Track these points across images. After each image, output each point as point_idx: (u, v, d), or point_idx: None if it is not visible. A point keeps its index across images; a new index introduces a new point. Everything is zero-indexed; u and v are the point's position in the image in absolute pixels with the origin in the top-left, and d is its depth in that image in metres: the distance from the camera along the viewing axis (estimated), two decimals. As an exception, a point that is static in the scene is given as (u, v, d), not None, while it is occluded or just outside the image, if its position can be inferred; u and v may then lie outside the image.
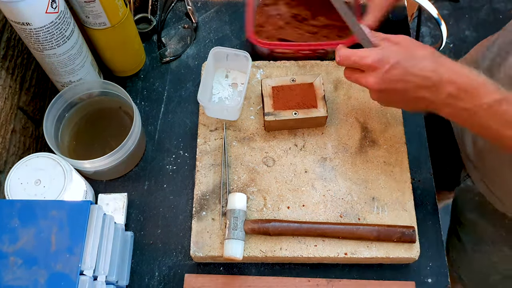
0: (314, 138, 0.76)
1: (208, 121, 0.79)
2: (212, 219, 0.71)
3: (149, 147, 0.80)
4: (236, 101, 0.79)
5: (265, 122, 0.74)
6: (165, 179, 0.78)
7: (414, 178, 0.76)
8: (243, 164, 0.75)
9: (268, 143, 0.77)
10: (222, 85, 0.81)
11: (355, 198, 0.72)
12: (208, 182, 0.74)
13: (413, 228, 0.68)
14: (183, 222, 0.74)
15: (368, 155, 0.75)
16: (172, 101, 0.84)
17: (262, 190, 0.73)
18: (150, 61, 0.88)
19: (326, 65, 0.82)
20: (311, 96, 0.74)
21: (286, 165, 0.75)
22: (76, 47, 0.71)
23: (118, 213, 0.73)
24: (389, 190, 0.73)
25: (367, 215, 0.71)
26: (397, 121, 0.78)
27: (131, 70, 0.86)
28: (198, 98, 0.73)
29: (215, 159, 0.76)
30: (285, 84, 0.75)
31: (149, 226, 0.74)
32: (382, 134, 0.77)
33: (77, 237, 0.56)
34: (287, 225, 0.68)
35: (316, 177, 0.74)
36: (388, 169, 0.74)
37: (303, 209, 0.72)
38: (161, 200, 0.76)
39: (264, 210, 0.72)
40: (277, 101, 0.74)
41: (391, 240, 0.68)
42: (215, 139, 0.77)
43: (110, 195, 0.75)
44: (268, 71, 0.82)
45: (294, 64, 0.83)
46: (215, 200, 0.73)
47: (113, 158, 0.71)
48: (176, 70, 0.87)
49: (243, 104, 0.77)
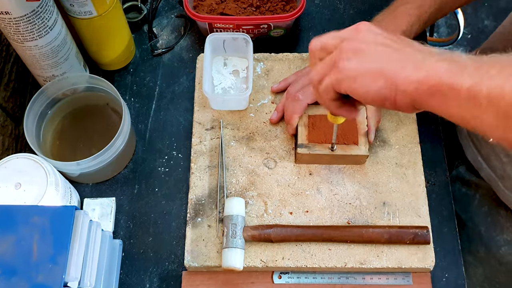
0: (320, 138, 0.76)
1: (204, 119, 0.79)
2: (208, 226, 0.71)
3: (139, 148, 0.80)
4: (241, 89, 0.80)
5: (297, 155, 0.73)
6: (157, 182, 0.78)
7: (428, 181, 0.76)
8: (241, 166, 0.75)
9: (269, 143, 0.77)
10: (223, 74, 0.81)
11: (364, 203, 0.72)
12: (204, 185, 0.74)
13: (427, 229, 0.69)
14: (176, 229, 0.74)
15: (379, 156, 0.76)
16: (165, 97, 0.84)
17: (262, 194, 0.73)
18: (141, 54, 0.88)
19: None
20: (351, 131, 0.72)
21: (289, 167, 0.75)
22: (59, 38, 0.71)
23: (105, 220, 0.73)
24: (401, 194, 0.73)
25: (377, 222, 0.71)
26: (410, 119, 0.78)
27: (119, 63, 0.86)
28: (204, 90, 0.74)
29: (211, 160, 0.76)
30: (323, 113, 0.73)
31: (139, 233, 0.74)
32: (393, 133, 0.77)
33: (61, 246, 0.56)
34: (290, 231, 0.68)
35: (321, 180, 0.74)
36: (400, 171, 0.74)
37: (307, 215, 0.72)
38: (153, 205, 0.76)
39: (265, 216, 0.72)
40: (313, 132, 0.72)
41: (404, 242, 0.68)
42: (211, 138, 0.77)
43: (96, 199, 0.75)
44: (269, 64, 0.82)
45: (298, 57, 0.83)
46: (211, 205, 0.73)
47: (100, 160, 0.71)
48: (169, 63, 0.87)
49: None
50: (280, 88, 0.79)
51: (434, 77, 0.44)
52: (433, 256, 0.69)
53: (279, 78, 0.81)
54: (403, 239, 0.68)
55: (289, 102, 0.73)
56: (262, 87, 0.81)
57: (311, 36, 0.88)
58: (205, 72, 0.76)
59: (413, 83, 0.45)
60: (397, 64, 0.47)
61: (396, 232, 0.68)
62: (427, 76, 0.44)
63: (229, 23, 0.81)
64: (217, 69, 0.81)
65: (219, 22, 0.81)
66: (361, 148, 0.72)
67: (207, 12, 0.84)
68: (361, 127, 0.73)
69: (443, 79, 0.44)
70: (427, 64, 0.45)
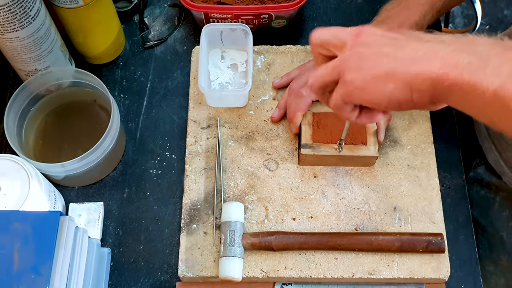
0: (325, 137, 0.76)
1: (200, 117, 0.79)
2: (204, 233, 0.71)
3: (130, 148, 0.80)
4: (240, 84, 0.79)
5: (301, 156, 0.72)
6: (149, 185, 0.77)
7: (443, 184, 0.76)
8: (240, 168, 0.75)
9: (270, 143, 0.76)
10: (220, 69, 0.81)
11: (373, 208, 0.72)
12: (200, 189, 0.74)
13: (442, 236, 0.69)
14: (169, 237, 0.74)
15: (389, 157, 0.75)
16: (157, 93, 0.84)
17: (263, 198, 0.73)
18: (131, 46, 0.88)
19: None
20: (360, 130, 0.72)
21: (292, 169, 0.75)
22: (42, 29, 0.71)
23: (92, 226, 0.73)
24: (413, 199, 0.73)
25: (388, 228, 0.71)
26: (423, 116, 0.78)
27: (108, 56, 0.85)
28: (199, 85, 0.73)
29: (207, 161, 0.76)
30: (329, 111, 0.73)
31: (129, 241, 0.74)
32: (405, 132, 0.77)
33: (44, 255, 0.56)
34: (293, 238, 0.68)
35: (327, 183, 0.74)
36: (412, 173, 0.74)
37: (312, 221, 0.71)
38: (144, 210, 0.76)
39: (266, 222, 0.71)
40: (318, 131, 0.72)
41: (416, 250, 0.68)
42: (207, 138, 0.77)
43: (83, 204, 0.75)
44: (270, 57, 0.82)
45: (301, 49, 0.83)
46: (208, 210, 0.73)
47: (87, 161, 0.71)
48: (161, 56, 0.87)
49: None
50: (282, 83, 0.79)
51: (453, 73, 0.42)
52: (448, 266, 0.69)
53: (281, 73, 0.81)
54: (416, 247, 0.68)
55: (292, 99, 0.73)
56: (262, 82, 0.81)
57: (316, 27, 0.87)
58: (201, 66, 0.76)
59: (427, 80, 0.44)
60: (405, 62, 0.45)
61: (408, 240, 0.68)
62: (444, 70, 0.42)
63: (227, 13, 0.81)
64: (214, 62, 0.81)
65: (216, 12, 0.81)
66: (370, 149, 0.71)
67: (203, 1, 0.84)
68: (370, 126, 0.72)
69: (464, 76, 0.41)
70: (440, 55, 0.44)
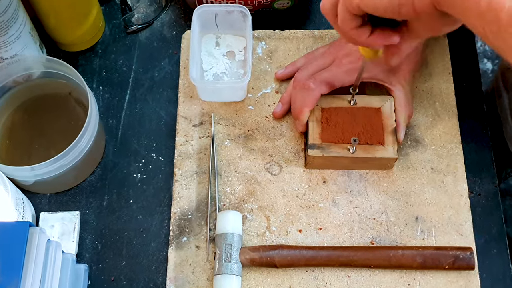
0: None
1: (191, 113, 0.79)
2: (196, 246, 0.71)
3: (110, 149, 0.80)
4: (238, 75, 0.79)
5: (308, 157, 0.72)
6: (132, 192, 0.77)
7: (473, 190, 0.76)
8: (238, 172, 0.75)
9: (273, 143, 0.76)
10: (215, 57, 0.81)
11: (391, 219, 0.72)
12: (191, 196, 0.74)
13: (471, 250, 0.69)
14: (156, 251, 0.74)
15: (410, 159, 0.75)
16: (142, 85, 0.84)
17: (264, 207, 0.73)
18: (111, 31, 0.88)
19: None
20: (376, 127, 0.72)
21: (297, 173, 0.75)
22: (9, 12, 0.71)
23: (67, 239, 0.73)
24: (438, 208, 0.73)
25: (408, 242, 0.71)
26: (449, 112, 0.78)
27: (84, 42, 0.85)
28: (190, 76, 0.73)
29: (200, 164, 0.76)
30: (340, 106, 0.73)
31: (109, 256, 0.74)
32: (428, 131, 0.77)
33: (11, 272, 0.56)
34: (299, 253, 0.68)
35: (338, 189, 0.74)
36: (437, 178, 0.74)
37: (321, 234, 0.71)
38: (127, 220, 0.76)
39: (267, 234, 0.72)
40: (328, 129, 0.72)
41: (442, 267, 0.68)
42: (200, 137, 0.77)
43: (56, 214, 0.74)
44: (273, 44, 0.82)
45: (308, 34, 0.83)
46: (200, 220, 0.73)
47: (61, 164, 0.70)
48: (147, 42, 0.87)
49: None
50: (286, 74, 0.79)
51: None
52: (478, 285, 0.69)
53: (285, 62, 0.81)
54: (441, 264, 0.68)
55: (298, 92, 0.73)
56: (263, 73, 0.81)
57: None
58: (192, 54, 0.76)
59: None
60: None
61: (432, 255, 0.68)
62: None
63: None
64: (208, 50, 0.81)
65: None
66: (388, 149, 0.71)
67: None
68: (388, 123, 0.72)
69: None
70: None
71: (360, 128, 0.72)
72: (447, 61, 0.81)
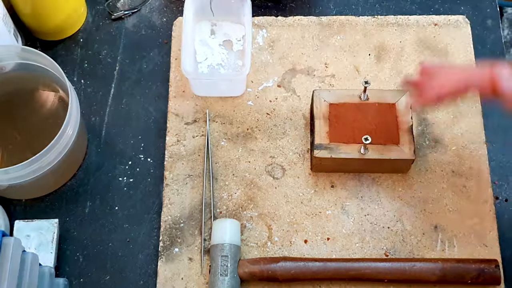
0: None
1: (183, 109, 0.79)
2: (188, 259, 0.72)
3: (93, 149, 0.80)
4: (236, 67, 0.79)
5: (314, 159, 0.72)
6: (117, 197, 0.78)
7: (498, 196, 0.76)
8: (236, 175, 0.75)
9: (275, 143, 0.77)
10: (210, 46, 0.81)
11: (407, 227, 0.72)
12: (183, 202, 0.74)
13: (496, 263, 0.69)
14: (144, 264, 0.74)
15: (428, 160, 0.76)
16: (128, 79, 0.84)
17: (265, 214, 0.73)
18: (94, 17, 0.88)
19: (364, 22, 0.82)
20: (390, 125, 0.72)
21: (303, 176, 0.75)
22: (-20, -4, 0.71)
23: (45, 250, 0.73)
24: (460, 215, 0.73)
25: (427, 253, 0.71)
26: (472, 109, 0.78)
27: (64, 30, 0.85)
28: (183, 69, 0.74)
29: (193, 167, 0.76)
30: (350, 101, 0.73)
31: (92, 269, 0.74)
32: (449, 129, 0.77)
33: (-17, 287, 0.56)
34: (304, 266, 0.68)
35: (347, 194, 0.74)
36: (458, 182, 0.74)
37: (329, 244, 0.72)
38: (111, 230, 0.76)
39: (269, 245, 0.72)
40: (336, 127, 0.72)
41: (464, 281, 0.68)
42: (193, 136, 0.78)
43: (32, 222, 0.74)
44: (275, 32, 0.82)
45: (315, 22, 0.83)
46: (194, 229, 0.73)
47: (37, 166, 0.70)
48: (134, 30, 0.87)
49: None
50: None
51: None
52: (504, 301, 0.69)
53: (288, 52, 0.81)
54: (463, 278, 0.68)
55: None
56: (264, 64, 0.81)
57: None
58: (185, 44, 0.76)
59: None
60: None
61: (453, 268, 0.68)
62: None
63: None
64: (202, 39, 0.81)
65: None
66: (404, 150, 0.71)
67: None
68: (403, 119, 0.72)
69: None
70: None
71: (373, 126, 0.72)
72: (469, 51, 0.81)
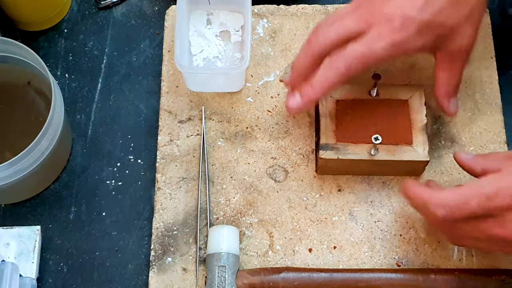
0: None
1: (177, 106, 0.79)
2: (182, 269, 0.72)
3: (78, 150, 0.81)
4: (234, 60, 0.79)
5: (320, 160, 0.72)
6: (104, 202, 0.78)
7: (520, 200, 0.76)
8: (234, 178, 0.76)
9: (277, 143, 0.77)
10: (206, 38, 0.81)
11: (421, 235, 0.73)
12: (177, 207, 0.75)
13: None
14: (134, 275, 0.74)
15: (444, 162, 0.76)
16: (116, 73, 0.85)
17: (266, 220, 0.74)
18: (79, 6, 0.88)
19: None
20: (402, 124, 0.72)
21: (307, 179, 0.75)
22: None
23: (25, 260, 0.73)
24: (478, 221, 0.73)
25: (443, 263, 0.71)
26: (491, 105, 0.78)
27: (47, 20, 0.86)
28: (176, 62, 0.74)
29: (187, 169, 0.76)
30: (359, 97, 0.74)
31: (77, 281, 0.74)
32: (466, 128, 0.77)
33: (-41, 299, 0.56)
34: (309, 277, 0.68)
35: (356, 199, 0.74)
36: (477, 185, 0.75)
37: (335, 253, 0.72)
38: (98, 237, 0.76)
39: (270, 254, 0.72)
40: (344, 126, 0.72)
41: None
42: (187, 135, 0.78)
43: (12, 229, 0.74)
44: (277, 22, 0.83)
45: (320, 10, 0.83)
46: (188, 237, 0.73)
47: (17, 168, 0.70)
48: (123, 20, 0.88)
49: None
50: (295, 80, 0.70)
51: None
52: (529, 317, 0.69)
53: (291, 44, 0.82)
54: (482, 291, 0.69)
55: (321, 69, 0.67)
56: (265, 57, 0.81)
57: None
58: (178, 34, 0.77)
59: None
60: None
61: (471, 280, 0.68)
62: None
63: None
64: (197, 29, 0.82)
65: None
66: (418, 151, 0.72)
67: None
68: (417, 117, 0.73)
69: None
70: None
71: (383, 125, 0.72)
72: (489, 42, 0.81)
